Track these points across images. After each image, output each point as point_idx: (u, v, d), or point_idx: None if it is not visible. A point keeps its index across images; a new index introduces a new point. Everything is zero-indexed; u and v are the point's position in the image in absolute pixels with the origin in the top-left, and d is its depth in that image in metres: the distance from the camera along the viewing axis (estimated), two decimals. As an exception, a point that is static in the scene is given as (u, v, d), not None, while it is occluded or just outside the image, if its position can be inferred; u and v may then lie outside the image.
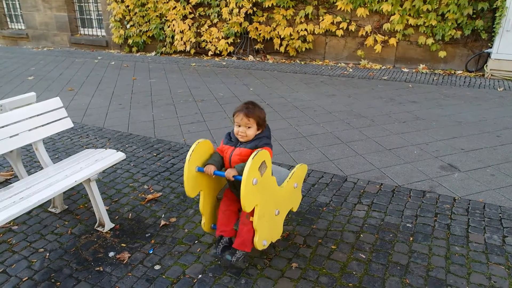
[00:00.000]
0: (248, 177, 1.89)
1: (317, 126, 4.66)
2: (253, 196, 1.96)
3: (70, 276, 2.25)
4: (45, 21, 11.65)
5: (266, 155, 2.02)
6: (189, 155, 2.10)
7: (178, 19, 9.19)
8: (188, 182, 2.12)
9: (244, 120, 2.13)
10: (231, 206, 2.29)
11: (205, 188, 2.26)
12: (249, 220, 2.12)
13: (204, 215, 2.32)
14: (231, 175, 2.06)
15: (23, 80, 7.44)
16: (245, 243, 2.16)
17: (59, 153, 4.04)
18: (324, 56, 8.53)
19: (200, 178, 2.20)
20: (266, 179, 2.05)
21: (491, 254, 2.37)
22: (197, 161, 2.16)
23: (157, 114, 5.25)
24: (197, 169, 2.15)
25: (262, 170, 1.99)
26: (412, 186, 3.20)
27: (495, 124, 4.60)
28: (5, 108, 2.90)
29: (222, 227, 2.28)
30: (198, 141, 2.17)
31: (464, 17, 6.83)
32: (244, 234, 2.16)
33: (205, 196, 2.28)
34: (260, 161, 1.96)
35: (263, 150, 1.99)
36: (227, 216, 2.28)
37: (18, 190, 2.36)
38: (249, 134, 2.16)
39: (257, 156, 1.93)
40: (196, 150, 2.13)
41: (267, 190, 2.10)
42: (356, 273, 2.23)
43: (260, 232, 2.10)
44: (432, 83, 6.60)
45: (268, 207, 2.14)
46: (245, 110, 2.14)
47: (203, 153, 2.20)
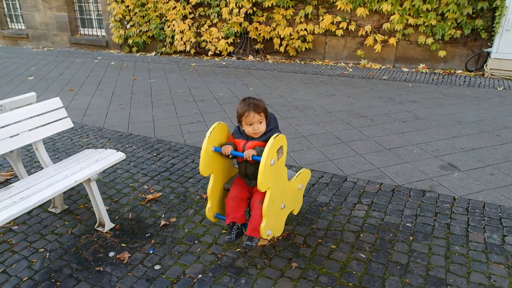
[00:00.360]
0: (268, 156, 1.96)
1: (317, 126, 4.67)
2: (268, 176, 2.02)
3: (70, 276, 2.26)
4: (45, 21, 11.65)
5: (284, 141, 2.09)
6: (209, 133, 2.16)
7: (178, 19, 9.20)
8: (204, 160, 2.17)
9: (257, 117, 2.17)
10: (242, 193, 2.30)
11: (216, 171, 2.30)
12: (261, 205, 2.14)
13: (210, 200, 2.33)
14: (250, 154, 2.10)
15: (23, 80, 7.45)
16: (257, 228, 2.16)
17: (59, 153, 4.04)
18: (324, 56, 8.53)
19: (214, 159, 2.24)
20: (281, 165, 2.12)
21: (491, 253, 2.37)
22: (214, 142, 2.20)
23: (157, 114, 5.26)
24: (213, 149, 2.19)
25: (279, 155, 2.06)
26: (412, 185, 3.20)
27: (495, 124, 4.60)
28: (5, 108, 2.90)
29: (233, 213, 2.28)
30: (217, 122, 2.23)
31: (463, 17, 6.83)
32: (257, 219, 2.16)
33: (215, 180, 2.31)
34: (279, 145, 2.04)
35: (281, 135, 2.06)
36: (237, 203, 2.29)
37: (18, 190, 2.36)
38: (262, 129, 2.21)
39: (277, 139, 2.01)
40: (215, 131, 2.19)
41: (280, 177, 2.15)
42: (356, 273, 2.23)
43: (268, 218, 2.12)
44: (432, 83, 6.60)
45: (277, 195, 2.18)
46: (253, 107, 2.16)
47: (220, 136, 2.25)
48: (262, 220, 2.13)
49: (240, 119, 2.21)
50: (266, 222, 2.12)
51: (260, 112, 2.17)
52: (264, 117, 2.21)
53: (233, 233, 2.27)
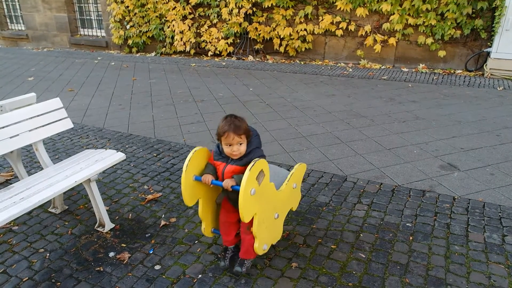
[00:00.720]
0: (246, 188, 1.87)
1: (317, 126, 4.67)
2: (251, 206, 1.95)
3: (70, 276, 2.26)
4: (45, 22, 11.65)
5: (264, 164, 1.98)
6: (186, 165, 2.07)
7: (178, 19, 9.20)
8: (186, 192, 2.11)
9: (236, 139, 2.03)
10: (230, 217, 2.27)
11: (203, 196, 2.25)
12: (249, 231, 2.11)
13: (204, 221, 2.32)
14: (229, 185, 2.02)
15: (23, 81, 7.45)
16: (249, 251, 2.17)
17: (59, 153, 4.04)
18: (324, 56, 8.54)
19: (198, 186, 2.18)
20: (264, 187, 2.03)
21: (491, 253, 2.37)
22: (194, 170, 2.13)
23: (157, 115, 5.26)
24: (194, 178, 2.13)
25: (260, 179, 1.96)
26: (411, 185, 3.21)
27: (495, 124, 4.60)
28: (5, 108, 2.90)
29: (224, 237, 2.31)
30: (195, 149, 2.13)
31: (463, 17, 6.84)
32: (247, 243, 2.17)
33: (204, 203, 2.27)
34: (258, 171, 1.93)
35: (260, 160, 1.94)
36: (227, 228, 2.29)
37: (18, 190, 2.36)
38: (242, 150, 2.07)
39: (255, 166, 1.90)
40: (193, 159, 2.10)
41: (266, 197, 2.07)
42: (356, 273, 2.24)
43: (260, 238, 2.09)
44: (431, 83, 6.60)
45: (267, 213, 2.12)
46: (233, 128, 2.02)
47: (200, 161, 2.17)
48: (255, 241, 2.11)
49: (220, 138, 2.08)
50: (259, 242, 2.10)
51: (240, 134, 2.03)
52: (245, 138, 2.08)
53: (227, 258, 2.30)
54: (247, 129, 2.08)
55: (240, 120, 2.09)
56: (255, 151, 2.11)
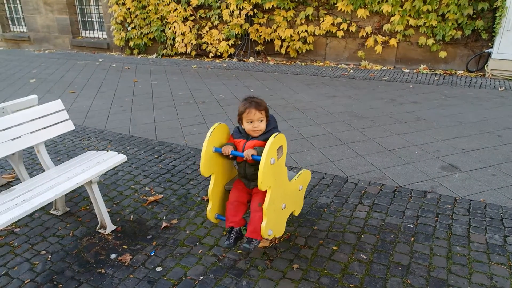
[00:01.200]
0: (268, 155, 1.96)
1: (318, 127, 4.67)
2: (269, 175, 2.01)
3: (72, 278, 2.26)
4: (47, 24, 11.69)
5: (284, 141, 2.09)
6: (209, 134, 2.16)
7: (179, 21, 9.22)
8: (204, 161, 2.17)
9: (257, 115, 2.18)
10: (241, 197, 2.30)
11: (217, 172, 2.30)
12: (260, 207, 2.14)
13: (210, 201, 2.33)
14: (250, 153, 2.10)
15: (25, 83, 7.47)
16: (257, 230, 2.16)
17: (61, 155, 4.05)
18: (325, 57, 8.54)
19: (215, 160, 2.25)
20: (281, 164, 2.12)
21: (493, 254, 2.37)
22: (214, 143, 2.21)
23: (158, 116, 5.27)
24: (214, 150, 2.20)
25: (279, 154, 2.06)
26: (413, 186, 3.20)
27: (496, 124, 4.59)
28: (7, 110, 2.91)
29: (232, 217, 2.29)
30: (218, 123, 2.23)
31: (464, 17, 6.83)
32: (256, 221, 2.17)
33: (216, 181, 2.31)
34: (279, 144, 2.04)
35: (281, 134, 2.06)
36: (236, 207, 2.29)
37: (20, 192, 2.37)
38: (263, 127, 2.22)
39: (276, 138, 2.00)
40: (215, 131, 2.19)
41: (280, 176, 2.15)
42: (357, 274, 2.23)
43: (268, 217, 2.12)
44: (433, 84, 6.60)
45: (278, 195, 2.17)
46: (255, 104, 2.19)
47: (221, 136, 2.25)
48: (262, 220, 2.13)
49: (241, 116, 2.22)
50: (267, 221, 2.12)
51: (261, 110, 2.19)
52: (265, 116, 2.22)
53: (232, 238, 2.29)
54: (266, 107, 2.24)
55: (259, 99, 2.25)
56: (273, 130, 2.24)
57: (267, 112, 2.24)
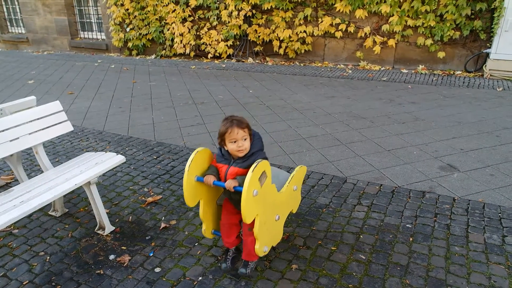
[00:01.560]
0: (249, 189, 1.88)
1: (317, 127, 4.67)
2: (253, 207, 1.96)
3: (70, 279, 2.26)
4: (45, 25, 11.68)
5: (266, 165, 1.99)
6: (188, 166, 2.08)
7: (177, 22, 9.22)
8: (187, 192, 2.11)
9: (241, 133, 2.05)
10: (231, 219, 2.27)
11: (204, 197, 2.25)
12: (251, 232, 2.11)
13: (204, 222, 2.31)
14: (232, 185, 2.02)
15: (23, 84, 7.46)
16: (251, 253, 2.17)
17: (59, 156, 4.05)
18: (323, 58, 8.55)
19: (199, 187, 2.18)
20: (266, 188, 2.04)
21: (491, 253, 2.37)
22: (196, 170, 2.14)
23: (157, 117, 5.27)
24: (196, 179, 2.13)
25: (262, 181, 1.98)
26: (411, 186, 3.21)
27: (495, 124, 4.60)
28: (5, 112, 2.91)
29: (226, 239, 2.30)
30: (197, 150, 2.14)
31: (462, 18, 6.85)
32: (249, 245, 2.16)
33: (205, 204, 2.27)
34: (260, 172, 1.95)
35: (263, 161, 1.96)
36: (228, 229, 2.29)
37: (18, 193, 2.37)
38: (247, 146, 2.09)
39: (257, 167, 1.92)
40: (195, 160, 2.11)
41: (267, 199, 2.08)
42: (356, 274, 2.24)
43: (261, 240, 2.10)
44: (431, 84, 6.61)
45: (268, 215, 2.13)
46: (236, 123, 2.06)
47: (203, 162, 2.18)
48: (256, 242, 2.10)
49: (223, 137, 2.09)
50: (260, 244, 2.10)
51: (243, 128, 2.06)
52: (248, 135, 2.10)
53: (229, 259, 2.30)
54: (249, 125, 2.12)
55: (240, 117, 2.13)
56: (257, 154, 2.11)
57: (250, 130, 2.12)
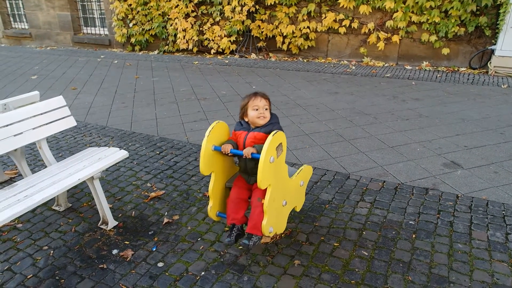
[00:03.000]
0: (267, 153, 1.95)
1: (320, 123, 4.66)
2: (268, 173, 2.01)
3: (74, 274, 2.27)
4: (48, 21, 11.68)
5: (283, 138, 2.09)
6: (208, 132, 2.16)
7: (180, 17, 9.20)
8: (203, 159, 2.17)
9: (263, 102, 2.25)
10: (242, 194, 2.30)
11: (217, 170, 2.30)
12: (260, 202, 2.14)
13: (211, 199, 2.32)
14: (250, 151, 2.11)
15: (27, 79, 7.48)
16: (257, 226, 2.16)
17: (63, 151, 4.06)
18: (327, 54, 8.52)
19: (215, 158, 2.24)
20: (281, 162, 2.12)
21: (494, 251, 2.36)
22: (213, 141, 2.21)
23: (160, 113, 5.27)
24: (213, 148, 2.20)
25: (279, 152, 2.06)
26: (415, 183, 3.20)
27: (499, 121, 4.58)
28: (9, 107, 2.92)
29: (233, 214, 2.29)
30: (217, 121, 2.23)
31: (467, 14, 6.79)
32: (256, 216, 2.16)
33: (216, 179, 2.31)
34: (278, 142, 2.03)
35: (280, 132, 2.06)
36: (237, 204, 2.29)
37: (22, 188, 2.38)
38: (267, 116, 2.26)
39: (276, 136, 1.99)
40: (214, 130, 2.19)
41: (280, 174, 2.15)
42: (358, 270, 2.24)
43: (269, 215, 2.11)
44: (435, 80, 6.57)
45: (278, 192, 2.17)
46: (260, 93, 2.30)
47: (220, 135, 2.25)
48: (263, 217, 2.13)
49: (246, 106, 2.28)
50: (268, 219, 2.12)
51: (266, 98, 2.29)
52: (269, 106, 2.30)
53: (233, 235, 2.29)
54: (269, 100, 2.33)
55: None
56: (276, 125, 2.27)
57: (270, 104, 2.32)
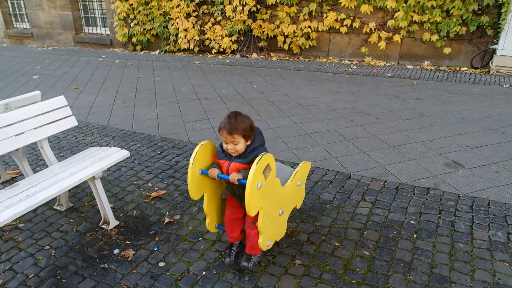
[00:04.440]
0: (253, 182, 1.88)
1: (321, 123, 4.66)
2: (257, 200, 1.96)
3: (75, 273, 2.28)
4: (50, 20, 11.70)
5: (270, 158, 1.99)
6: (192, 158, 2.08)
7: (181, 17, 9.20)
8: (192, 185, 2.12)
9: (229, 138, 2.01)
10: (235, 213, 2.27)
11: (208, 190, 2.25)
12: (254, 225, 2.11)
13: (208, 216, 2.31)
14: (236, 178, 2.01)
15: (28, 79, 7.49)
16: (255, 246, 2.16)
17: (64, 151, 4.07)
18: (328, 53, 8.51)
19: (203, 180, 2.19)
20: (270, 182, 2.04)
21: (496, 251, 2.36)
22: (200, 164, 2.14)
23: (161, 112, 5.27)
24: (200, 172, 2.14)
25: (266, 174, 1.98)
26: (416, 183, 3.19)
27: (500, 121, 4.57)
28: (10, 107, 2.92)
29: (230, 233, 2.31)
30: (201, 143, 2.13)
31: (469, 13, 6.78)
32: (252, 238, 2.16)
33: (209, 197, 2.27)
34: (264, 165, 1.95)
35: (267, 154, 1.95)
36: (232, 224, 2.29)
37: (23, 188, 2.38)
38: (239, 149, 2.05)
39: (261, 160, 1.92)
40: (200, 153, 2.11)
41: (271, 192, 2.09)
42: (359, 270, 2.23)
43: (264, 233, 2.10)
44: (436, 80, 6.56)
45: (272, 208, 2.13)
46: (228, 127, 2.00)
47: (207, 155, 2.18)
48: (259, 236, 2.10)
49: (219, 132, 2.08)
50: (264, 237, 2.10)
51: (233, 134, 1.99)
52: (241, 138, 2.03)
53: (232, 254, 2.30)
54: (244, 129, 2.03)
55: (239, 119, 2.04)
56: (258, 149, 2.08)
57: (244, 134, 2.03)
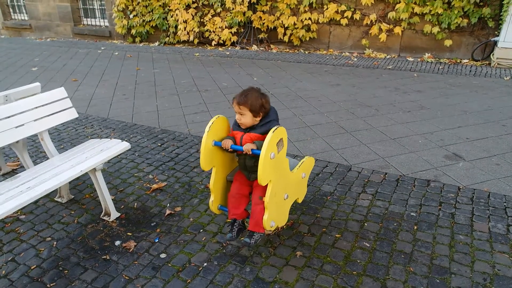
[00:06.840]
0: (268, 150, 1.93)
1: (321, 115, 4.65)
2: (269, 170, 2.00)
3: (77, 264, 2.29)
4: (48, 12, 11.60)
5: (284, 133, 2.06)
6: (208, 127, 2.14)
7: (181, 8, 9.13)
8: (204, 155, 2.16)
9: (237, 108, 2.13)
10: (242, 189, 2.29)
11: (218, 165, 2.29)
12: (261, 200, 2.13)
13: (213, 193, 2.32)
14: (250, 148, 2.07)
15: (27, 71, 7.45)
16: (259, 223, 2.15)
17: (64, 143, 4.06)
18: (328, 46, 8.46)
19: (215, 153, 2.23)
20: (281, 157, 2.10)
21: (495, 242, 2.37)
22: (214, 136, 2.19)
23: (161, 104, 5.26)
24: (213, 143, 2.18)
25: (279, 147, 2.04)
26: (416, 175, 3.20)
27: (501, 114, 4.56)
28: (10, 98, 2.91)
29: (234, 210, 2.29)
30: (217, 116, 2.20)
31: (470, 5, 6.73)
32: (257, 214, 2.16)
33: (217, 173, 2.30)
34: (278, 138, 2.01)
35: (280, 127, 2.02)
36: (237, 200, 2.29)
37: (24, 180, 2.38)
38: (244, 122, 2.14)
39: (276, 132, 1.98)
40: (214, 124, 2.17)
41: (281, 169, 2.14)
42: (360, 261, 2.25)
43: (270, 210, 2.11)
44: (437, 72, 6.54)
45: (279, 187, 2.16)
46: (238, 97, 2.14)
47: (220, 129, 2.23)
48: (264, 212, 2.12)
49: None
50: (269, 214, 2.11)
51: (240, 104, 2.10)
52: (248, 112, 2.11)
53: (234, 230, 2.29)
54: (252, 105, 2.10)
55: (253, 95, 2.13)
56: (273, 123, 2.16)
57: (251, 108, 2.11)
